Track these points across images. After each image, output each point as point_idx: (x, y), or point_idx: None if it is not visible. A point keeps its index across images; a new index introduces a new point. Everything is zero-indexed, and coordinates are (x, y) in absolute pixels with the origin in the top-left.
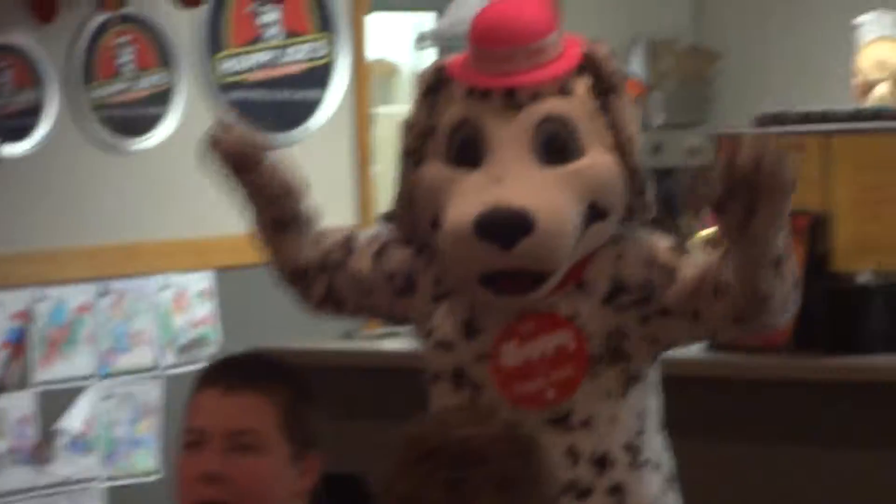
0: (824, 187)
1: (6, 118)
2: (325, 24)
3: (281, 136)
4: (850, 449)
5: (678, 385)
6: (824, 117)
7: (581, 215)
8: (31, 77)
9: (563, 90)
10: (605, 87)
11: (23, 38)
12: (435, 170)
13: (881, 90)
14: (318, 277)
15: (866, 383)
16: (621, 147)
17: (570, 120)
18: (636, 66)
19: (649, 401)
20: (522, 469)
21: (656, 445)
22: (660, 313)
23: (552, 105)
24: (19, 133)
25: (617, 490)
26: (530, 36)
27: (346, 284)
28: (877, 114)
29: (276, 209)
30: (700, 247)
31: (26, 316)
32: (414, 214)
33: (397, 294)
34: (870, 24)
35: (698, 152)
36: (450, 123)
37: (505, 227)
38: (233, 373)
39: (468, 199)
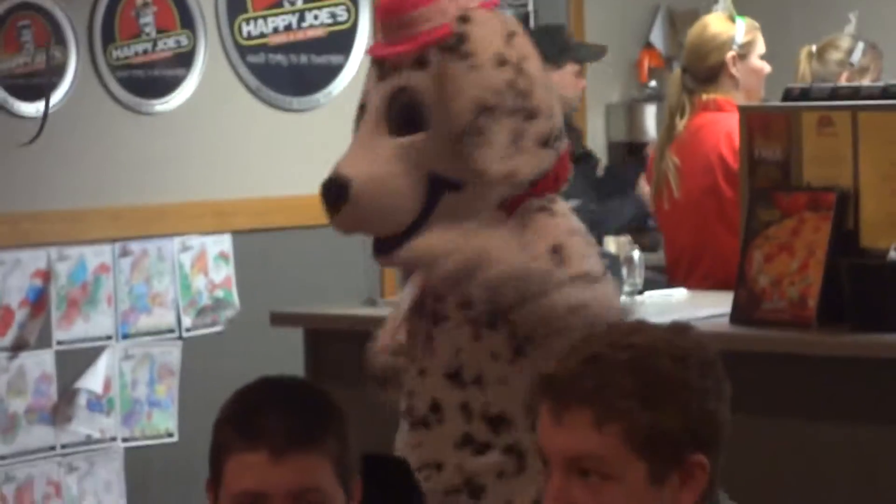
0: (852, 163)
1: (28, 76)
2: None
3: (302, 101)
4: (872, 425)
5: None
6: (853, 93)
7: (420, 185)
8: (52, 36)
9: (420, 62)
10: (447, 51)
11: None
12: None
13: None
14: None
15: (891, 361)
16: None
17: (417, 92)
18: (656, 38)
19: None
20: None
21: None
22: None
23: (405, 77)
24: (40, 92)
25: (511, 450)
26: (401, 8)
27: None
28: None
29: None
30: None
31: (46, 275)
32: None
33: None
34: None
35: None
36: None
37: (329, 193)
38: (276, 431)
39: None
